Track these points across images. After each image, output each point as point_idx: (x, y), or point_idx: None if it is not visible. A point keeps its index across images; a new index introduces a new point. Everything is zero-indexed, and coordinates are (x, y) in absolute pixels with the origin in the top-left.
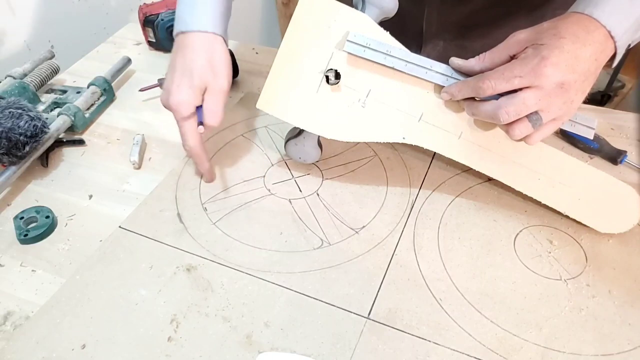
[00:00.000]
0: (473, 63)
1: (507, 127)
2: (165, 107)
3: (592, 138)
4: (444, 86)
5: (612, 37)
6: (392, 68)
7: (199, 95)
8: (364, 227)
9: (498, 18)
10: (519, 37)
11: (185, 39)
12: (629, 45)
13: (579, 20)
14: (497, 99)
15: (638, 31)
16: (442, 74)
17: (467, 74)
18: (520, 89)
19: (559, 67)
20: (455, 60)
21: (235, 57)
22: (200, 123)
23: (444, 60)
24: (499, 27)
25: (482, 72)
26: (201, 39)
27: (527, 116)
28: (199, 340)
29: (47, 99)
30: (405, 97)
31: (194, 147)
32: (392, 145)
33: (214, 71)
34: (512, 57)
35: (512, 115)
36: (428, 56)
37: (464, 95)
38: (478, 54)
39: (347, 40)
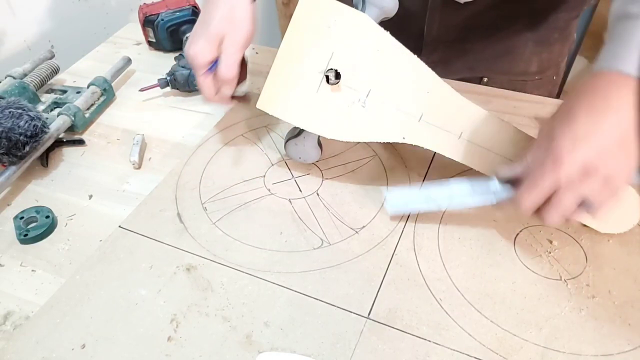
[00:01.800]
0: (519, 170)
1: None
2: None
3: None
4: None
5: None
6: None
7: (215, 46)
8: (364, 227)
9: (499, 21)
10: (545, 128)
11: None
12: None
13: (598, 85)
14: None
15: None
16: (489, 195)
17: (514, 180)
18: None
19: (573, 156)
20: (502, 170)
21: None
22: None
23: (445, 64)
24: (500, 29)
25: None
26: None
27: (579, 207)
28: (199, 340)
29: (47, 99)
30: (405, 97)
31: (209, 99)
32: (392, 145)
33: (233, 23)
34: None
35: (562, 218)
36: (428, 58)
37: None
38: (479, 57)
39: (387, 207)
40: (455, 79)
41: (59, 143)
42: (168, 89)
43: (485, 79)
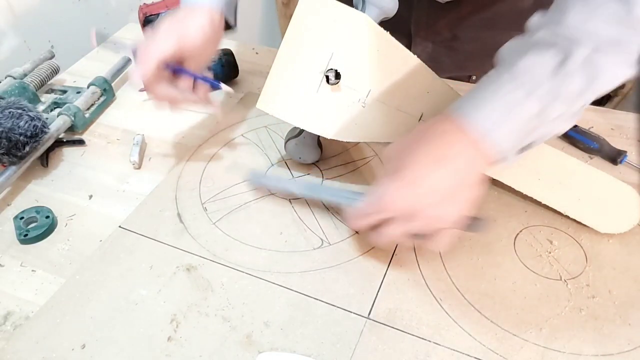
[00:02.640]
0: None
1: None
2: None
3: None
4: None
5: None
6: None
7: (170, 56)
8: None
9: (486, 21)
10: (385, 163)
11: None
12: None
13: (436, 134)
14: None
15: (527, 136)
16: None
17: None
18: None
19: (395, 199)
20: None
21: (235, 57)
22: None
23: (434, 62)
24: (486, 29)
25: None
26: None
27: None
28: (199, 340)
29: (47, 99)
30: (405, 97)
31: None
32: None
33: (182, 27)
34: None
35: (391, 245)
36: (417, 56)
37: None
38: (468, 56)
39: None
40: (445, 77)
41: (59, 143)
42: None
43: (474, 77)
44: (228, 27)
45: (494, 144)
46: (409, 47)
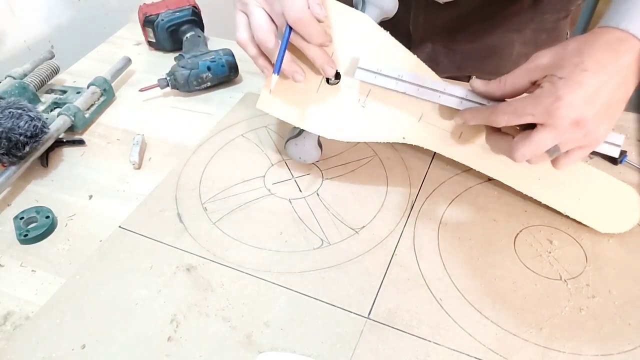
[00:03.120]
0: (494, 88)
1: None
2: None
3: (617, 156)
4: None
5: None
6: (405, 93)
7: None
8: (364, 227)
9: (485, 21)
10: (541, 62)
11: None
12: None
13: (608, 41)
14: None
15: None
16: (457, 97)
17: (486, 97)
18: (535, 126)
19: (574, 106)
20: (476, 83)
21: (235, 57)
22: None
23: (433, 62)
24: (485, 30)
25: (502, 97)
26: None
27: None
28: (199, 340)
29: (47, 99)
30: (405, 97)
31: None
32: (392, 145)
33: None
34: (534, 83)
35: (528, 156)
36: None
37: (478, 122)
38: (467, 57)
39: (358, 68)
40: (444, 77)
41: (59, 143)
42: (168, 89)
43: (474, 77)
44: None
45: None
46: (407, 47)
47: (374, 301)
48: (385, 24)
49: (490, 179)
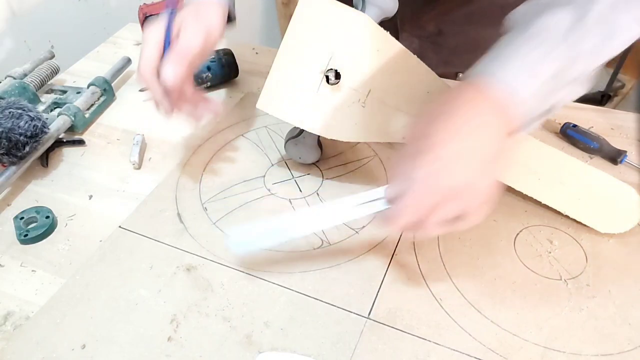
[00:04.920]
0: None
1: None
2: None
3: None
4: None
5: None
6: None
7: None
8: (364, 227)
9: (471, 15)
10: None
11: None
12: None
13: (466, 105)
14: None
15: (548, 98)
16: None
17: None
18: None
19: (436, 182)
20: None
21: (235, 57)
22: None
23: (420, 58)
24: (472, 24)
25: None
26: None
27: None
28: (199, 340)
29: (47, 99)
30: (405, 97)
31: (143, 73)
32: (392, 145)
33: (197, 16)
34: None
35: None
36: None
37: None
38: (453, 51)
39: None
40: None
41: (59, 143)
42: None
43: (460, 75)
44: (229, 20)
45: (521, 103)
46: None
47: (374, 301)
48: None
49: None
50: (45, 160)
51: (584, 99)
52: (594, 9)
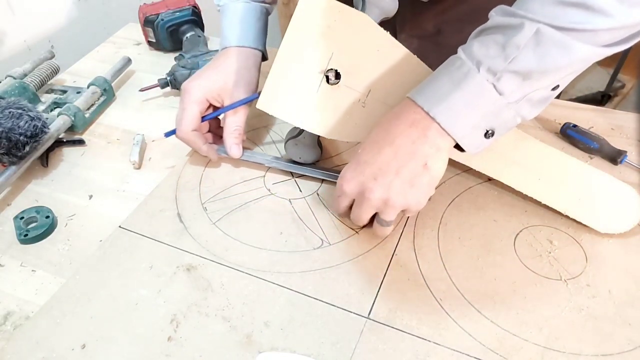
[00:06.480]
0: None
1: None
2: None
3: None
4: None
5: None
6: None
7: (212, 91)
8: (364, 227)
9: (469, 14)
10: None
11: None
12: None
13: (397, 118)
14: None
15: (489, 121)
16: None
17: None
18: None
19: (351, 179)
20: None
21: None
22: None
23: (420, 59)
24: (470, 22)
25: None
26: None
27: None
28: (199, 340)
29: (47, 99)
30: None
31: (184, 134)
32: None
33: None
34: None
35: (366, 223)
36: None
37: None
38: (452, 51)
39: None
40: None
41: (59, 143)
42: (168, 89)
43: None
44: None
45: (455, 134)
46: None
47: (374, 301)
48: None
49: (490, 179)
50: (45, 160)
51: (584, 99)
52: (528, 27)
